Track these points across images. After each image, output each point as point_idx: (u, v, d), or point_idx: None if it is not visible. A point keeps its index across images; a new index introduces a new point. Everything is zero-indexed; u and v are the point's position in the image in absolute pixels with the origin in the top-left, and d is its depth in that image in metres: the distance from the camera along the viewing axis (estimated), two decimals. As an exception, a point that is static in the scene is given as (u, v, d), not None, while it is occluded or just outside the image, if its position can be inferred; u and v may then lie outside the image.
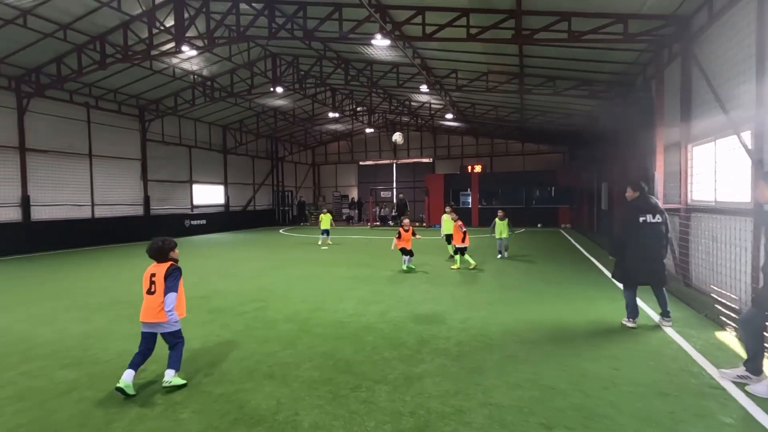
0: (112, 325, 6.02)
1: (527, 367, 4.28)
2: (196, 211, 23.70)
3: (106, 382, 4.07)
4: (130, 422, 3.33)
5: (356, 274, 9.76)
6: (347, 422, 3.27)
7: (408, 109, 24.13)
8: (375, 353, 4.72)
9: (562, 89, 13.82)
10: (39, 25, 12.30)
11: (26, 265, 12.45)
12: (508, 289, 7.97)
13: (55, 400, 3.75)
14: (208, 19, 12.59)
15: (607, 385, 3.85)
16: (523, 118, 20.94)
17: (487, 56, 12.98)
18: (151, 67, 16.56)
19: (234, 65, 17.56)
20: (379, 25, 10.21)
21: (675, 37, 8.31)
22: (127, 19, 12.65)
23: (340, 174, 35.77)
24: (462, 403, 3.54)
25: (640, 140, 10.86)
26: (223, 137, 25.98)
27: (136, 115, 19.95)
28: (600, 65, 11.75)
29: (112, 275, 10.32)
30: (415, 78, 16.69)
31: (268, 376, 4.14)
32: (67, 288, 8.79)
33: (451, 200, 26.52)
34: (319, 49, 15.92)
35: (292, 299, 7.40)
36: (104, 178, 18.49)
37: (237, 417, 3.37)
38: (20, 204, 15.29)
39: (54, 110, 16.51)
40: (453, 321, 5.93)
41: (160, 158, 21.34)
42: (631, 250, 5.34)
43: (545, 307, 6.66)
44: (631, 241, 5.34)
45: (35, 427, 3.30)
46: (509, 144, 29.81)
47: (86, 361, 4.64)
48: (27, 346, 5.20)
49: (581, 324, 5.70)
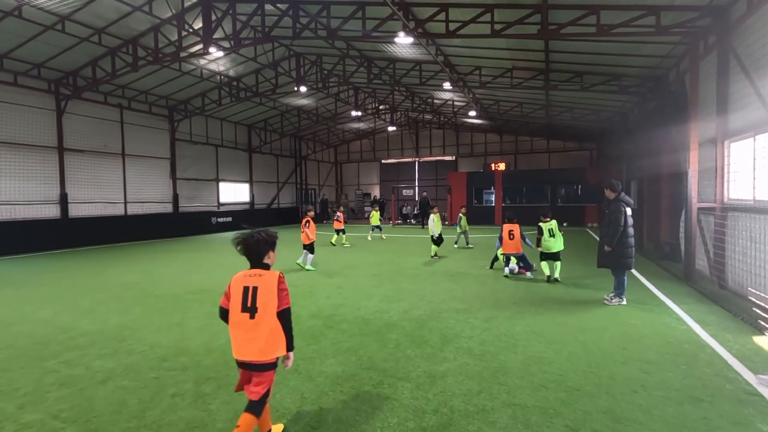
0: (145, 318, 6.25)
1: (552, 368, 4.22)
2: (222, 209, 24.28)
3: (139, 373, 4.24)
4: (162, 411, 3.47)
5: (379, 272, 9.80)
6: (370, 418, 3.31)
7: (430, 106, 24.01)
8: (398, 351, 4.75)
9: (590, 85, 13.47)
10: (76, 29, 12.85)
11: (65, 259, 13.07)
12: (533, 289, 7.85)
13: (93, 388, 3.93)
14: (235, 20, 12.86)
15: (636, 388, 3.75)
16: (549, 115, 20.51)
17: (512, 52, 12.77)
18: (180, 69, 17.04)
19: (259, 65, 17.88)
20: (402, 22, 10.19)
21: (711, 29, 7.97)
22: (157, 22, 13.06)
23: (362, 172, 35.94)
24: (485, 403, 3.52)
25: (673, 136, 10.48)
26: (249, 136, 26.51)
27: (165, 115, 20.59)
28: (630, 59, 11.38)
29: (144, 270, 10.71)
30: (438, 75, 16.59)
31: (293, 371, 4.22)
32: (103, 282, 9.18)
33: (474, 198, 26.27)
34: (342, 48, 16.02)
35: (316, 295, 7.51)
36: (136, 177, 19.18)
37: (264, 409, 3.46)
38: (59, 201, 16.04)
39: (90, 111, 17.22)
40: (476, 320, 5.90)
41: (188, 157, 21.97)
42: (626, 239, 6.37)
43: (571, 307, 6.53)
44: (624, 232, 6.34)
45: (75, 412, 3.48)
46: (534, 141, 29.26)
47: (121, 352, 4.85)
48: (68, 336, 5.47)
49: (609, 326, 5.57)
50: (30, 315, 6.52)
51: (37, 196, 15.42)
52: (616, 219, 6.38)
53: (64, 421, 3.34)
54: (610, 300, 6.68)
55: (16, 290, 8.40)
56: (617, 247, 6.42)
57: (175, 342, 5.14)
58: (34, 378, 4.17)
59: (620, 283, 6.61)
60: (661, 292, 7.39)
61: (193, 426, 3.23)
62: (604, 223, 6.66)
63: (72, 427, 3.25)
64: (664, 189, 11.96)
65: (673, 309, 6.33)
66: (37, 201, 15.41)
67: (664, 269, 9.68)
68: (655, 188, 12.67)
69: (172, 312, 6.55)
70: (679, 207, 9.77)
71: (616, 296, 6.67)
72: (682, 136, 9.42)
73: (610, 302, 6.65)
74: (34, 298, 7.66)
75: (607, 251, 6.53)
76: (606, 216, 6.63)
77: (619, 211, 6.37)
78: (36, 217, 15.26)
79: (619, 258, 6.44)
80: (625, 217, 6.35)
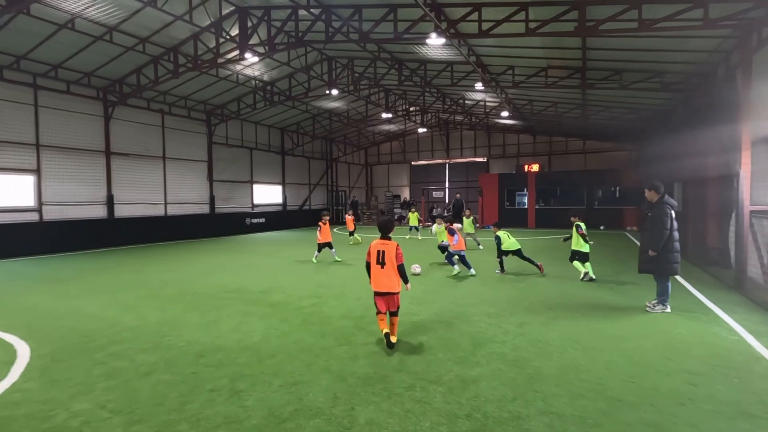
0: (183, 315, 6.49)
1: (591, 376, 4.06)
2: (256, 210, 24.93)
3: (179, 367, 4.40)
4: (200, 405, 3.58)
5: (409, 274, 9.77)
6: (402, 420, 3.29)
7: (462, 107, 23.75)
8: (429, 353, 4.70)
9: (630, 83, 12.93)
10: (122, 39, 13.58)
11: (109, 257, 13.78)
12: (568, 294, 7.60)
13: (137, 380, 4.12)
14: (269, 26, 13.20)
15: (683, 401, 3.55)
16: (586, 115, 19.84)
17: (547, 51, 12.45)
18: (217, 75, 17.67)
19: (292, 69, 18.26)
20: (434, 23, 10.14)
21: (765, 20, 7.48)
22: (197, 30, 13.60)
23: (392, 174, 35.98)
24: (520, 410, 3.43)
25: (721, 135, 9.89)
26: (281, 139, 27.12)
27: (203, 119, 21.39)
28: (674, 55, 10.85)
29: (182, 269, 11.13)
30: (470, 76, 16.40)
31: (325, 370, 4.26)
32: (144, 280, 9.62)
33: (506, 200, 25.76)
34: (373, 51, 16.12)
35: (346, 296, 7.56)
36: (175, 179, 20.01)
37: (297, 407, 3.51)
38: (105, 202, 16.96)
39: (134, 117, 18.13)
40: (509, 324, 5.76)
41: (224, 160, 22.73)
42: (671, 243, 6.11)
43: (609, 314, 6.27)
44: (670, 236, 6.09)
45: (121, 403, 3.65)
46: (569, 142, 28.40)
47: (162, 347, 5.05)
48: (113, 330, 5.75)
49: (651, 334, 5.31)
50: (79, 310, 6.91)
51: (86, 198, 16.36)
52: (662, 222, 6.09)
53: (110, 412, 3.51)
54: (653, 307, 6.37)
55: (67, 286, 8.93)
56: (662, 251, 6.14)
57: (212, 339, 5.31)
58: (83, 369, 4.41)
59: (664, 289, 6.34)
60: (708, 300, 6.99)
61: (229, 421, 3.32)
62: (647, 226, 6.38)
63: (118, 417, 3.41)
64: (711, 191, 11.29)
65: (722, 318, 5.97)
66: (86, 202, 16.35)
67: (711, 276, 9.15)
68: (701, 190, 11.99)
69: (209, 310, 6.76)
70: (729, 210, 9.21)
71: (660, 303, 6.39)
72: (732, 135, 8.88)
73: (652, 309, 6.35)
74: (82, 294, 8.11)
75: (651, 256, 6.25)
76: (649, 219, 6.35)
77: (665, 214, 6.11)
78: (85, 217, 16.19)
79: (663, 263, 6.17)
80: (671, 221, 6.10)
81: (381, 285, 4.88)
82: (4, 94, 14.07)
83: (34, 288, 8.80)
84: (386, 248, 4.85)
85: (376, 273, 4.90)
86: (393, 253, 4.83)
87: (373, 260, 4.92)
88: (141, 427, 3.26)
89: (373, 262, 4.92)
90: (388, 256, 4.83)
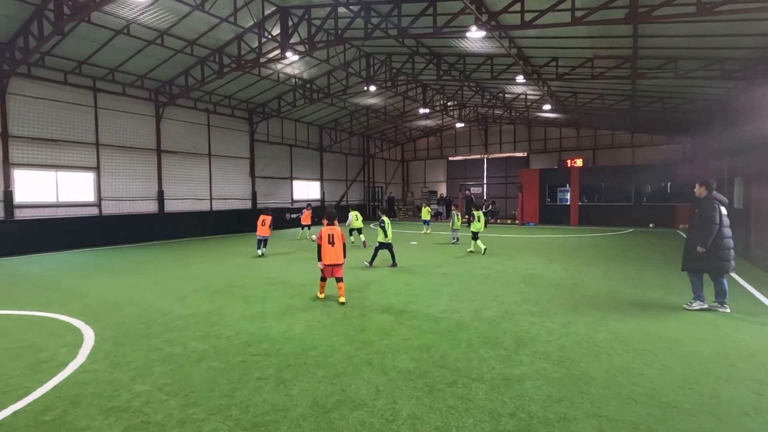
0: (230, 306, 6.77)
1: (643, 380, 3.88)
2: (295, 205, 25.53)
3: (228, 355, 4.61)
4: (249, 392, 3.73)
5: (448, 271, 9.70)
6: (445, 416, 3.29)
7: (501, 101, 23.19)
8: (470, 351, 4.66)
9: (686, 71, 12.15)
10: (172, 43, 14.27)
11: (161, 250, 14.58)
12: (617, 294, 7.28)
13: (190, 366, 4.35)
14: (310, 25, 13.43)
15: (747, 411, 3.33)
16: (635, 107, 18.84)
17: (593, 40, 11.92)
18: (259, 74, 18.20)
19: (331, 67, 18.50)
20: (475, 16, 9.95)
21: None
22: (240, 31, 14.06)
23: (428, 170, 35.75)
24: (567, 411, 3.34)
25: (791, 126, 9.10)
26: (320, 136, 27.59)
27: (245, 118, 22.12)
28: (737, 40, 10.08)
29: (227, 262, 11.61)
30: (511, 69, 15.98)
31: (366, 363, 4.33)
32: (192, 272, 10.11)
33: (547, 197, 24.98)
34: (411, 46, 16.04)
35: (386, 292, 7.62)
36: (220, 176, 20.87)
37: (340, 399, 3.59)
38: (156, 198, 17.95)
39: (182, 116, 19.04)
40: (553, 324, 5.61)
41: (265, 157, 23.43)
42: (721, 240, 5.85)
43: (662, 316, 5.96)
44: (720, 232, 5.83)
45: (177, 386, 3.88)
46: (616, 135, 27.09)
47: (212, 336, 5.30)
48: (167, 318, 6.10)
49: (710, 339, 5.00)
50: (136, 298, 7.37)
51: (140, 193, 17.39)
52: (710, 217, 5.81)
53: (167, 394, 3.73)
54: (719, 306, 6.14)
55: (124, 276, 9.55)
56: (711, 248, 5.89)
57: (258, 329, 5.51)
58: (142, 353, 4.71)
59: (721, 289, 6.11)
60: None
61: (276, 408, 3.44)
62: (694, 222, 6.09)
63: (174, 400, 3.62)
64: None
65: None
66: (140, 197, 17.38)
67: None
68: (766, 186, 11.11)
69: (254, 301, 7.02)
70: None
71: (719, 304, 6.18)
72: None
73: (721, 307, 6.13)
74: (138, 284, 8.65)
75: (699, 252, 5.96)
76: (696, 215, 6.06)
77: (713, 209, 5.89)
78: (138, 212, 17.22)
79: (713, 261, 5.93)
80: (720, 216, 5.87)
81: (331, 258, 6.61)
82: (70, 97, 15.17)
83: (96, 277, 9.48)
84: (334, 232, 6.65)
85: (327, 250, 6.59)
86: (339, 235, 6.67)
87: (324, 241, 6.59)
88: (195, 410, 3.45)
89: (324, 242, 6.59)
90: (336, 237, 6.62)
